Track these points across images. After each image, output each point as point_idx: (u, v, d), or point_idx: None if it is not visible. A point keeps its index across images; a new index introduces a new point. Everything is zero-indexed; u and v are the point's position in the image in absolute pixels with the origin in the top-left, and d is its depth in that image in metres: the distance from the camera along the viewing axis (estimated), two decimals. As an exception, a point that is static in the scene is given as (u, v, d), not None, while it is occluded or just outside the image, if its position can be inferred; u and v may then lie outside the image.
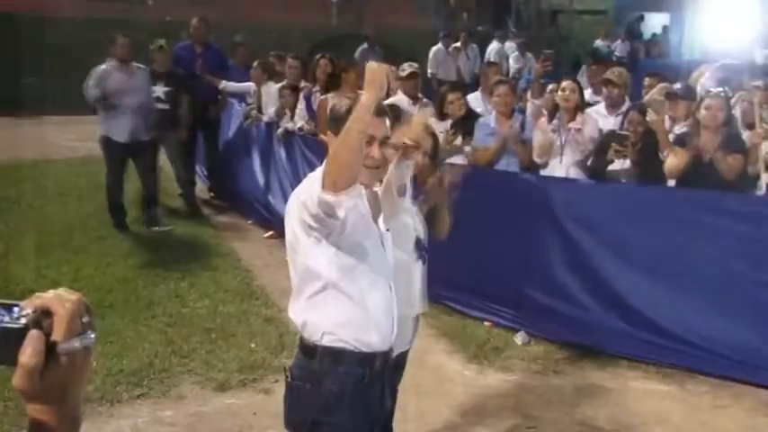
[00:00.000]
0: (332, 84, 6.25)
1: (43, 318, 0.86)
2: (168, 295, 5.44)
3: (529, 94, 5.85)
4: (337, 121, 2.26)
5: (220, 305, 5.27)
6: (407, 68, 6.05)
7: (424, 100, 6.12)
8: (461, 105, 5.52)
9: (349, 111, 2.19)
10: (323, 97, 6.27)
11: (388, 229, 2.40)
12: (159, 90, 7.53)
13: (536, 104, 5.55)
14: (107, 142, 6.91)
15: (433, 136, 3.08)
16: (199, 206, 7.99)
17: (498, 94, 5.34)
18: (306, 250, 2.23)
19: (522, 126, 5.30)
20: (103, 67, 6.85)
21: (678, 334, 4.41)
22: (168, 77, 7.56)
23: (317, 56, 6.79)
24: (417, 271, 2.87)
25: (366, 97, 2.02)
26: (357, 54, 11.32)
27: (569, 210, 4.77)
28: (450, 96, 5.53)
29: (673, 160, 4.60)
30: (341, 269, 2.22)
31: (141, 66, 7.09)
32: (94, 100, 6.79)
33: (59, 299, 0.88)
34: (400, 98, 6.04)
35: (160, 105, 7.45)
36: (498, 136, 5.25)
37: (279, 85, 7.37)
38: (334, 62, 6.69)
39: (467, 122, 5.45)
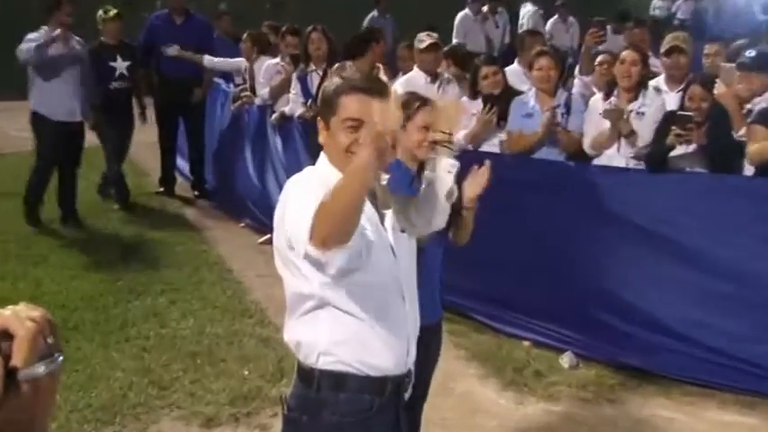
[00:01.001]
0: (354, 52, 6.25)
1: (0, 339, 0.86)
2: (144, 314, 5.46)
3: (577, 69, 5.82)
4: (325, 104, 2.30)
5: (207, 325, 5.30)
6: (425, 39, 6.06)
7: (446, 76, 6.13)
8: (498, 82, 5.52)
9: (337, 93, 2.25)
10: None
11: (403, 230, 2.42)
12: (120, 65, 7.64)
13: (584, 81, 5.54)
14: (39, 120, 7.07)
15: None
16: (129, 204, 8.07)
17: (540, 67, 5.28)
18: (295, 269, 2.24)
19: (567, 107, 5.26)
20: (40, 33, 6.98)
21: (762, 355, 4.38)
22: (124, 50, 7.68)
23: (309, 29, 6.82)
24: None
25: (364, 154, 1.96)
26: (366, 23, 11.33)
27: (627, 206, 4.75)
28: (485, 70, 5.52)
29: (758, 143, 4.49)
30: (338, 286, 2.22)
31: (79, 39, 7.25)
32: (34, 60, 6.88)
33: (18, 317, 0.87)
34: (415, 75, 6.06)
35: (121, 84, 7.60)
36: (542, 119, 5.24)
37: (274, 60, 7.41)
38: (329, 36, 6.74)
39: (505, 101, 5.45)
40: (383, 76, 6.41)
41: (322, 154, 2.36)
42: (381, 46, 6.29)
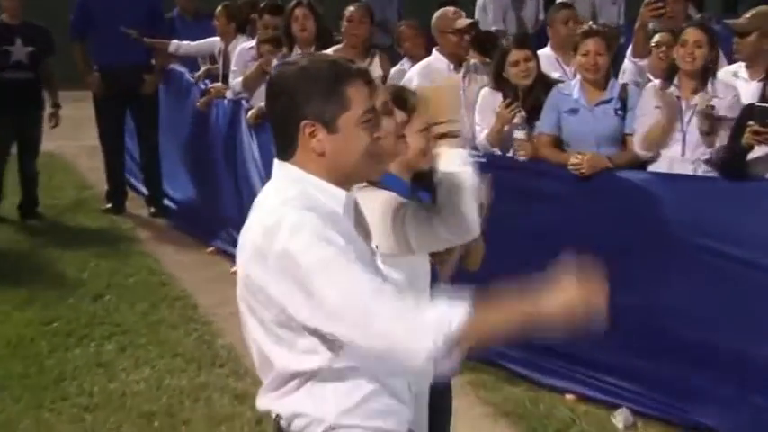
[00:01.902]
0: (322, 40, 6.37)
1: None
2: (87, 364, 5.39)
3: (629, 51, 5.70)
4: (324, 99, 2.31)
5: (167, 377, 5.24)
6: (457, 17, 6.00)
7: (473, 63, 6.07)
8: (530, 70, 5.44)
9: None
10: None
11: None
12: (19, 51, 7.63)
13: (639, 66, 5.48)
14: None
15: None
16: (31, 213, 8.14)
17: (586, 52, 5.18)
18: (289, 346, 2.27)
19: (623, 103, 5.18)
20: None
21: None
22: (27, 32, 7.69)
23: (291, 4, 6.83)
24: None
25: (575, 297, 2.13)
26: None
27: (694, 223, 4.71)
28: (515, 55, 5.42)
29: None
30: (346, 355, 2.27)
31: None
32: None
33: None
34: (436, 60, 6.04)
35: (17, 74, 7.65)
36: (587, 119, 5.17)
37: (250, 43, 7.42)
38: (317, 12, 6.75)
39: (538, 94, 5.43)
40: (378, 68, 6.32)
41: (288, 167, 2.30)
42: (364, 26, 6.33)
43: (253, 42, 7.41)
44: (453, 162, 2.72)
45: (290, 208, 2.20)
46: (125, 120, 8.56)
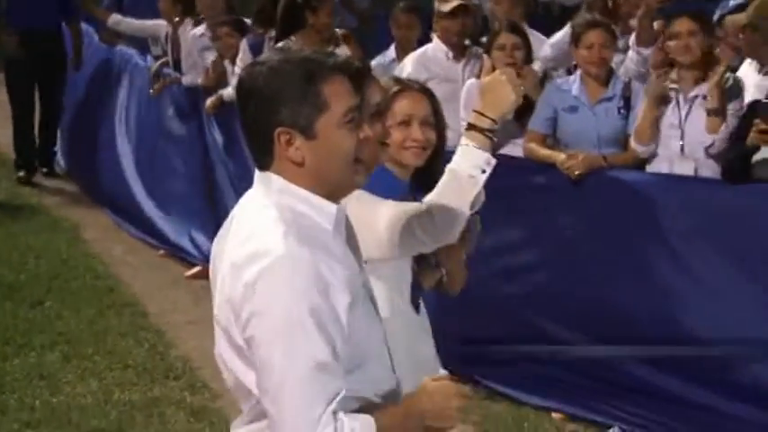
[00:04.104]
0: (291, 23, 6.25)
1: None
2: (28, 375, 5.34)
3: (631, 40, 5.72)
4: (305, 99, 2.26)
5: (116, 390, 5.20)
6: (449, 0, 6.02)
7: (475, 50, 6.09)
8: (515, 58, 5.44)
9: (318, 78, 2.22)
10: (280, 45, 6.23)
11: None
12: None
13: (643, 56, 5.47)
14: None
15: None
16: None
17: (589, 45, 5.20)
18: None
19: (626, 101, 5.20)
20: None
21: None
22: None
23: None
24: (419, 329, 3.08)
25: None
26: None
27: (697, 230, 4.72)
28: (503, 39, 5.46)
29: None
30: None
31: None
32: None
33: None
34: (434, 48, 6.06)
35: None
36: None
37: (199, 29, 7.37)
38: None
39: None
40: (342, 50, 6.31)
41: (270, 177, 2.27)
42: (324, 11, 6.27)
43: (202, 29, 7.35)
44: (472, 161, 2.71)
45: (280, 238, 2.15)
46: (31, 92, 9.06)
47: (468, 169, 2.76)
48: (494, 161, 2.77)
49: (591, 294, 4.94)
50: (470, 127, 2.83)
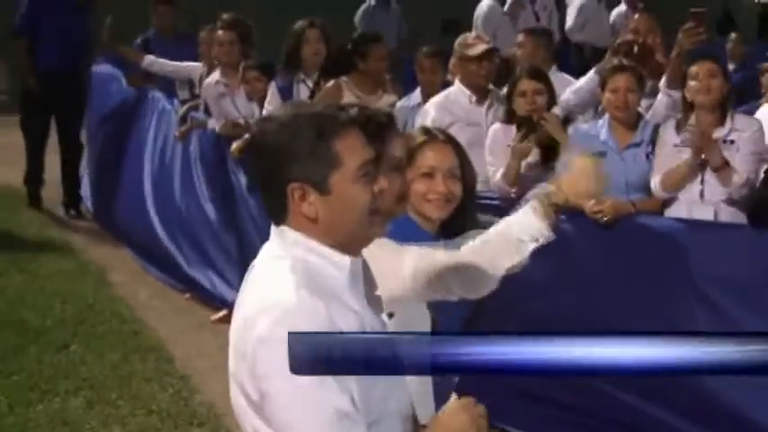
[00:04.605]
0: (338, 66, 6.37)
1: None
2: (51, 422, 5.34)
3: (661, 82, 5.69)
4: (316, 156, 2.25)
5: None
6: (476, 44, 6.04)
7: (499, 93, 6.08)
8: (536, 104, 5.45)
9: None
10: (330, 85, 6.32)
11: (390, 315, 2.51)
12: None
13: (674, 99, 5.43)
14: None
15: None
16: None
17: (615, 88, 5.20)
18: None
19: (654, 145, 5.18)
20: None
21: None
22: None
23: (302, 24, 6.83)
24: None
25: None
26: (359, 16, 11.25)
27: (732, 277, 4.68)
28: (524, 85, 5.46)
29: None
30: None
31: None
32: None
33: None
34: (457, 91, 6.06)
35: None
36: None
37: (214, 77, 7.43)
38: (329, 36, 6.78)
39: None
40: (389, 97, 6.34)
41: (285, 232, 2.27)
42: (376, 54, 6.36)
43: (217, 76, 7.39)
44: (530, 226, 2.71)
45: (292, 289, 2.14)
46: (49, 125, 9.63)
47: (521, 232, 2.75)
48: (550, 236, 2.76)
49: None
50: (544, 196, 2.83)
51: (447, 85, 6.39)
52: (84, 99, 9.63)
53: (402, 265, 2.77)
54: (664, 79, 5.68)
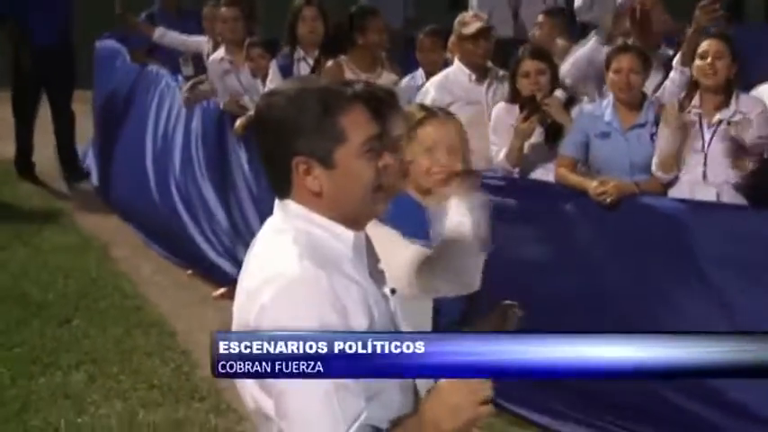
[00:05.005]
0: (337, 43, 6.35)
1: None
2: (53, 395, 5.35)
3: (676, 59, 5.66)
4: (322, 131, 2.26)
5: (141, 411, 5.22)
6: (473, 22, 6.03)
7: (499, 72, 6.08)
8: (540, 83, 5.47)
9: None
10: (330, 65, 6.33)
11: (393, 291, 2.44)
12: None
13: (686, 75, 5.40)
14: None
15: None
16: None
17: (618, 69, 5.19)
18: None
19: (657, 123, 5.16)
20: None
21: None
22: None
23: (298, 3, 6.83)
24: None
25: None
26: None
27: (735, 258, 4.68)
28: (527, 65, 5.47)
29: None
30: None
31: None
32: None
33: None
34: (456, 71, 6.04)
35: None
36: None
37: (218, 54, 7.48)
38: (326, 13, 6.77)
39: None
40: (389, 75, 6.33)
41: (288, 205, 2.28)
42: (373, 31, 6.34)
43: (222, 53, 7.42)
44: (457, 211, 2.71)
45: (295, 260, 2.15)
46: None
47: (457, 219, 2.75)
48: (482, 198, 2.77)
49: (621, 322, 4.88)
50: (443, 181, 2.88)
51: (447, 64, 6.37)
52: (74, 68, 9.74)
53: (398, 258, 2.78)
54: (678, 56, 5.66)
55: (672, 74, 5.59)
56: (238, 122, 7.00)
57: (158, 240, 8.12)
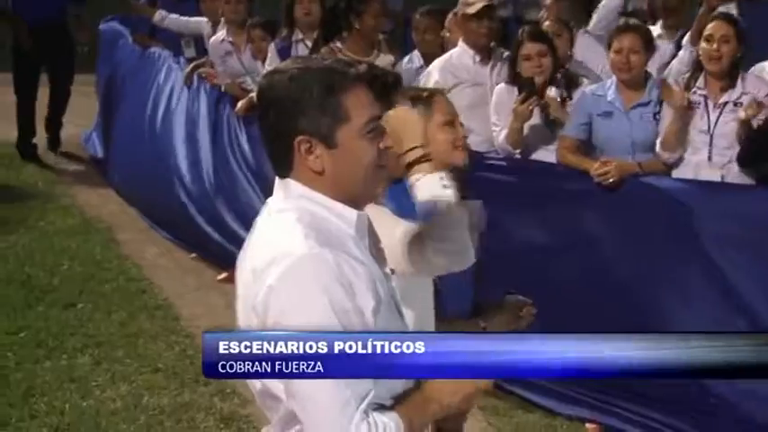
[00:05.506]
0: (333, 27, 6.29)
1: None
2: (58, 378, 5.36)
3: (686, 38, 5.68)
4: (329, 108, 2.26)
5: (146, 394, 5.23)
6: (476, 1, 5.94)
7: (503, 53, 6.04)
8: (542, 65, 5.45)
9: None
10: (323, 51, 6.24)
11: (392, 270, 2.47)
12: None
13: (694, 54, 5.41)
14: None
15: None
16: None
17: (618, 49, 5.18)
18: None
19: (661, 103, 5.16)
20: None
21: None
22: None
23: None
24: None
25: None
26: None
27: (736, 238, 4.69)
28: (528, 48, 5.46)
29: None
30: None
31: None
32: None
33: None
34: (460, 52, 6.00)
35: None
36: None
37: (219, 35, 7.47)
38: None
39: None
40: (385, 56, 6.30)
41: (289, 183, 2.29)
42: (369, 16, 6.24)
43: (223, 34, 7.41)
44: (430, 189, 2.66)
45: (301, 239, 2.15)
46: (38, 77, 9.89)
47: (433, 194, 2.70)
48: (445, 174, 2.72)
49: (624, 302, 4.90)
50: (408, 166, 2.78)
51: (443, 44, 6.33)
52: (73, 45, 9.95)
53: (394, 238, 2.77)
54: (688, 35, 5.64)
55: (681, 52, 5.59)
56: (240, 104, 7.02)
57: (162, 224, 8.12)
